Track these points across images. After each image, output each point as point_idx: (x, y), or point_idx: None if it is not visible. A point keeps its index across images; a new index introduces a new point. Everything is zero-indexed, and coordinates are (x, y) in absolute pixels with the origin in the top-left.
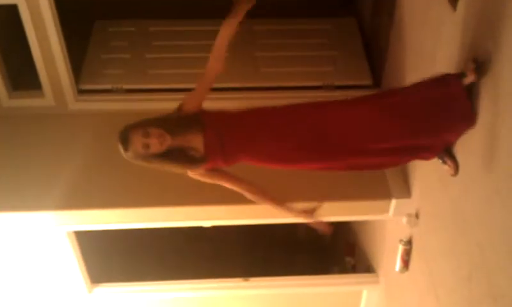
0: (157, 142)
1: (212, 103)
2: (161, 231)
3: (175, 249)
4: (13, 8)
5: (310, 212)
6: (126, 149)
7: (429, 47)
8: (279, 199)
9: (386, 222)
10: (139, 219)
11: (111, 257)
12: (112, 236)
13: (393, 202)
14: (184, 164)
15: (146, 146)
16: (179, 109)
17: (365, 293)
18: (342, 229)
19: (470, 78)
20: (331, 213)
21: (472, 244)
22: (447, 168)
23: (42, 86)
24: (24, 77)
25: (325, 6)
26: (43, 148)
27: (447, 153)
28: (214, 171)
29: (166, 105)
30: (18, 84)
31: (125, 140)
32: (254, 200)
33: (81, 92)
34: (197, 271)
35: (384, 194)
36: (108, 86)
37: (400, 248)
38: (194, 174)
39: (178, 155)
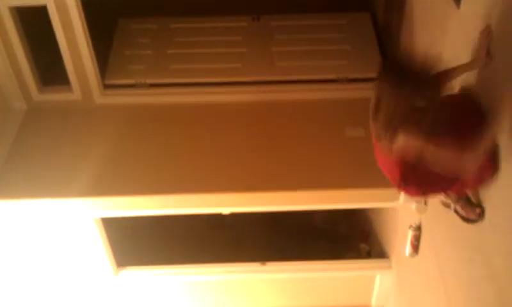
0: None
1: (228, 97)
2: (183, 218)
3: (196, 235)
4: (42, 8)
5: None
6: None
7: (436, 43)
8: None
9: (398, 209)
10: (162, 205)
11: (135, 241)
12: (136, 221)
13: None
14: None
15: None
16: None
17: (378, 278)
18: (358, 217)
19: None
20: (346, 200)
21: (473, 228)
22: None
23: (70, 81)
24: (53, 73)
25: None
26: (71, 139)
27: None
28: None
29: (188, 98)
30: (47, 79)
31: None
32: None
33: (106, 87)
34: (217, 256)
35: None
36: (132, 81)
37: (410, 233)
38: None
39: None
